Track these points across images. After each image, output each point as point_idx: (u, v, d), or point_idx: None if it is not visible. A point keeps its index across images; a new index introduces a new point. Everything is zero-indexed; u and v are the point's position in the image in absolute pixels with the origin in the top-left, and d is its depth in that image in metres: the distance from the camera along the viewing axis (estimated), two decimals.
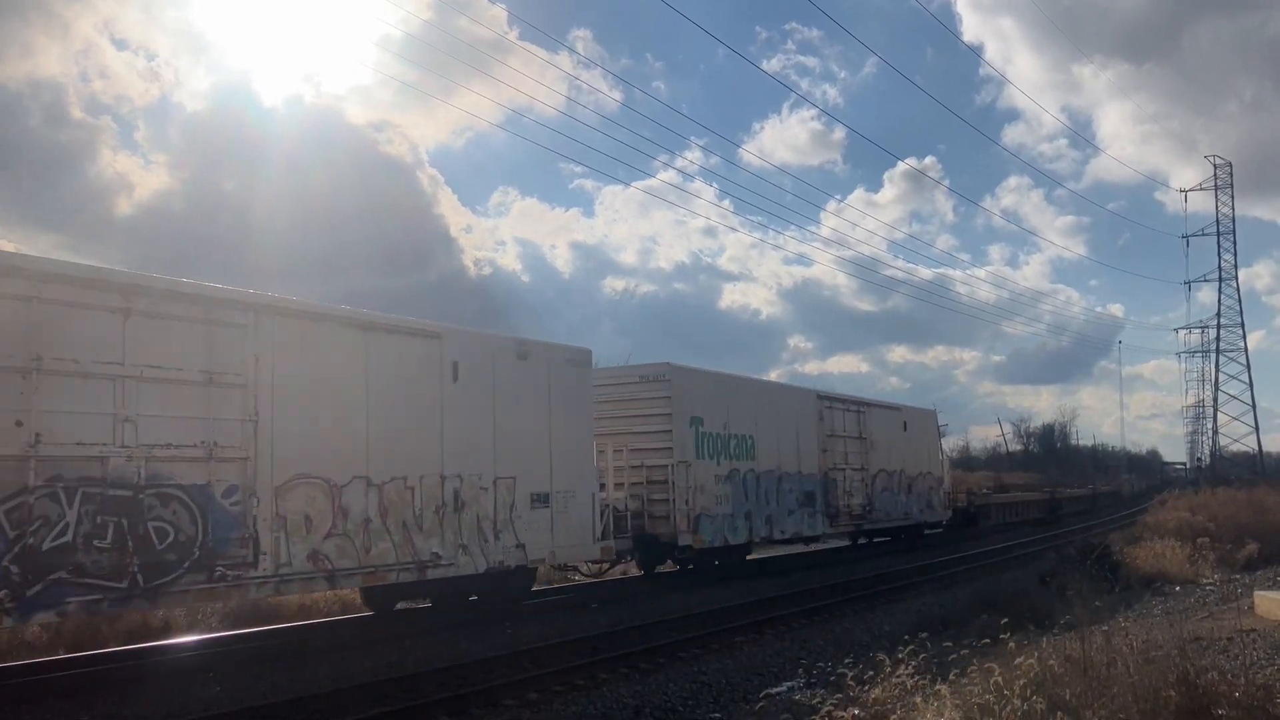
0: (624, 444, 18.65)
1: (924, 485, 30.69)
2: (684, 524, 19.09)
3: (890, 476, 28.26)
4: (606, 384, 19.35)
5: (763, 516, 21.79)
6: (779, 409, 23.11)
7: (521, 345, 15.67)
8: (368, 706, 9.51)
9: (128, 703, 9.83)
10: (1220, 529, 25.44)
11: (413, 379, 13.55)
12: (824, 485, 24.53)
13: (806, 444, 24.03)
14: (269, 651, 12.35)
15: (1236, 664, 7.31)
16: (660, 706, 10.03)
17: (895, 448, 28.67)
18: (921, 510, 30.44)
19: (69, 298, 9.99)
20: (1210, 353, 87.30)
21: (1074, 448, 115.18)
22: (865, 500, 26.52)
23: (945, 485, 33.10)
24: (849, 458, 25.99)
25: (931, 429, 32.72)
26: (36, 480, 9.47)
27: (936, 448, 33.12)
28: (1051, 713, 6.19)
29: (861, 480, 26.47)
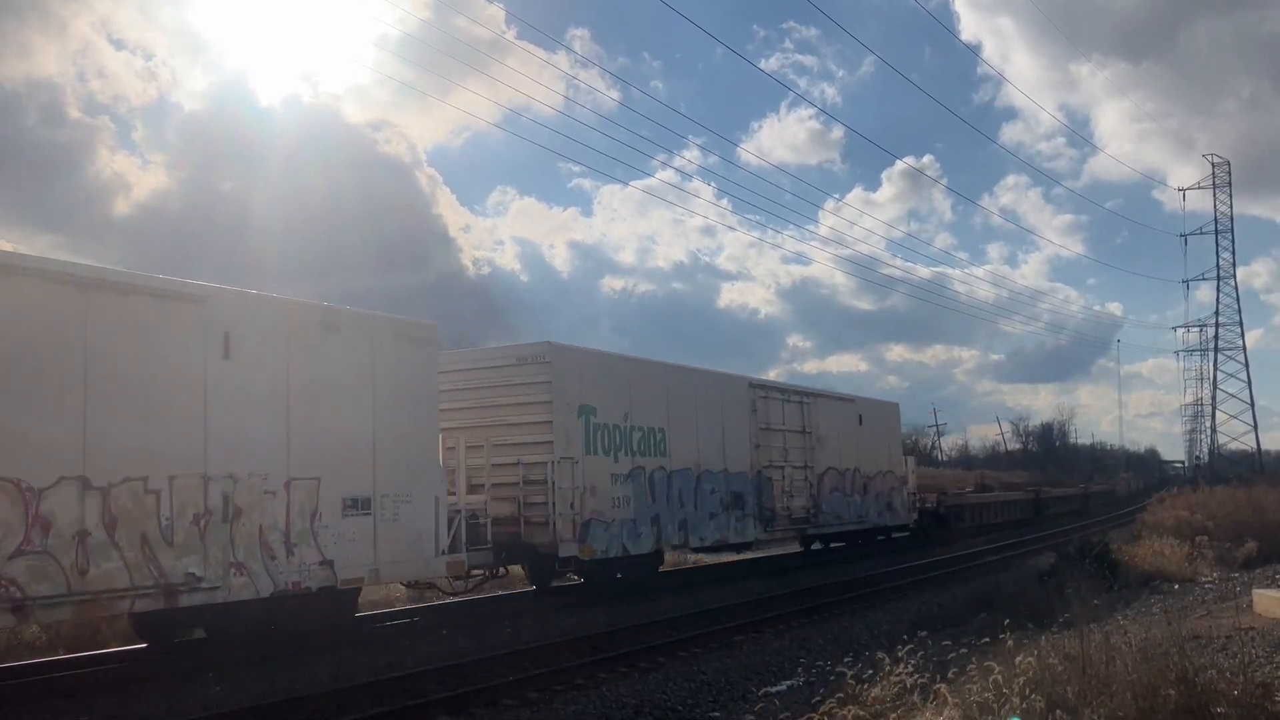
0: (488, 438, 15.75)
1: (883, 485, 27.93)
2: (567, 531, 16.00)
3: (841, 476, 25.34)
4: (474, 367, 16.85)
5: (675, 521, 18.79)
6: (700, 398, 20.12)
7: (330, 315, 12.77)
8: (366, 706, 9.52)
9: (127, 703, 9.83)
10: (1219, 527, 25.46)
11: (160, 353, 10.73)
12: (757, 485, 21.57)
13: (735, 438, 21.09)
14: (267, 651, 12.32)
15: (1235, 662, 7.31)
16: (659, 705, 10.04)
17: (848, 444, 25.84)
18: (880, 513, 27.75)
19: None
20: (1208, 351, 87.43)
21: (1072, 446, 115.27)
22: (809, 502, 23.61)
23: (909, 485, 30.44)
24: (789, 454, 22.97)
25: (892, 424, 30.21)
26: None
27: (898, 444, 30.72)
28: (1050, 711, 6.20)
29: (805, 479, 23.45)
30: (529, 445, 16.19)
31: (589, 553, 16.50)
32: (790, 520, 22.87)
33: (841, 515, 25.26)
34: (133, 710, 9.59)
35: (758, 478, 21.71)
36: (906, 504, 29.85)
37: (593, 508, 16.71)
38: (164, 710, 9.53)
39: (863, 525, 26.61)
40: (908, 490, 30.01)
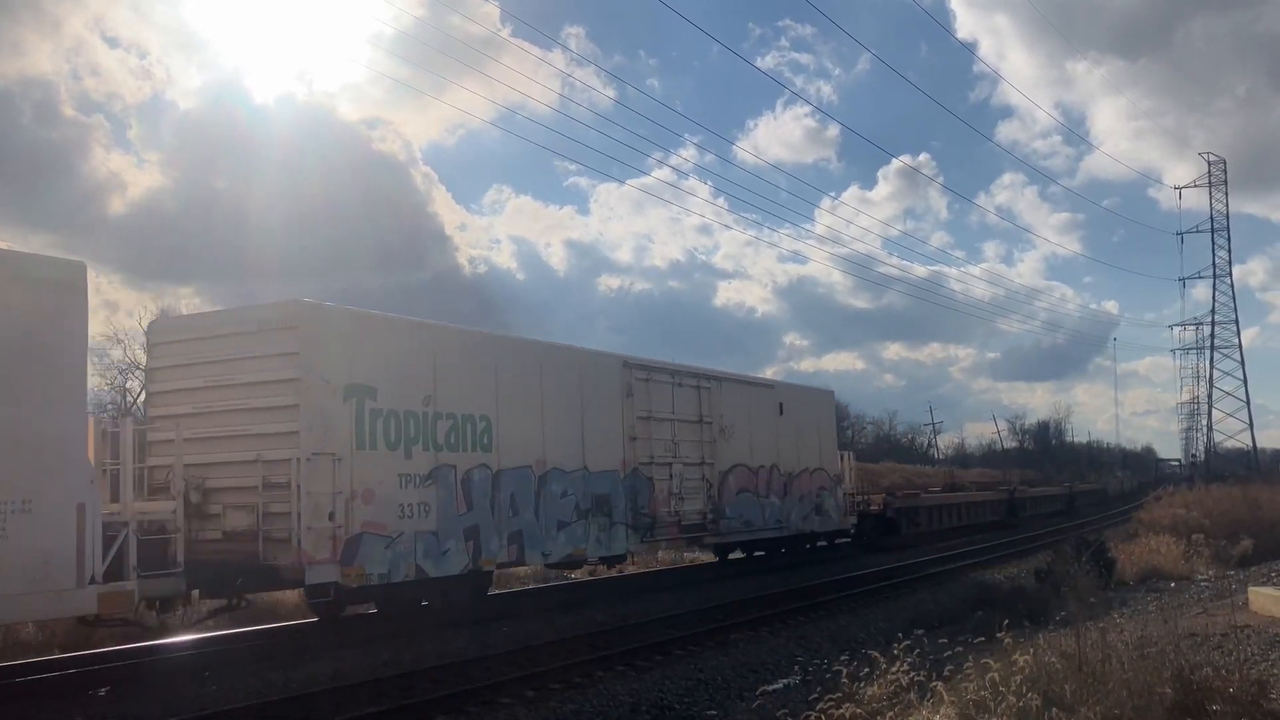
0: (221, 427, 12.72)
1: (810, 485, 24.02)
2: (322, 549, 12.08)
3: (753, 474, 21.50)
4: (206, 336, 13.30)
5: (504, 533, 14.76)
6: (547, 380, 16.00)
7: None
8: (364, 704, 9.53)
9: (123, 702, 9.82)
10: (1215, 525, 25.55)
11: None
12: (631, 486, 17.54)
13: (601, 430, 17.06)
14: (266, 650, 12.33)
15: (1230, 660, 7.34)
16: (657, 704, 10.05)
17: (764, 437, 22.11)
18: (805, 517, 23.69)
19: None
20: (1205, 349, 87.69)
21: (1069, 445, 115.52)
22: (707, 505, 19.74)
23: (846, 485, 26.55)
24: (680, 449, 19.05)
25: (825, 414, 25.97)
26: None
27: (832, 437, 26.46)
28: (1047, 709, 6.22)
29: (702, 479, 19.61)
30: (272, 437, 12.38)
31: (357, 577, 12.56)
32: (680, 527, 18.93)
33: (752, 521, 21.38)
34: (128, 710, 9.58)
35: (633, 477, 17.60)
36: (842, 506, 25.98)
37: (366, 518, 12.69)
38: (159, 710, 9.52)
39: (781, 531, 22.73)
40: (843, 490, 26.17)
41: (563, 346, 17.66)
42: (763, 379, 24.18)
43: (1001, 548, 27.89)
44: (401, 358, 13.67)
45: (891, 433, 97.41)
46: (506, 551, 14.97)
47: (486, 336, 16.09)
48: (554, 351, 16.94)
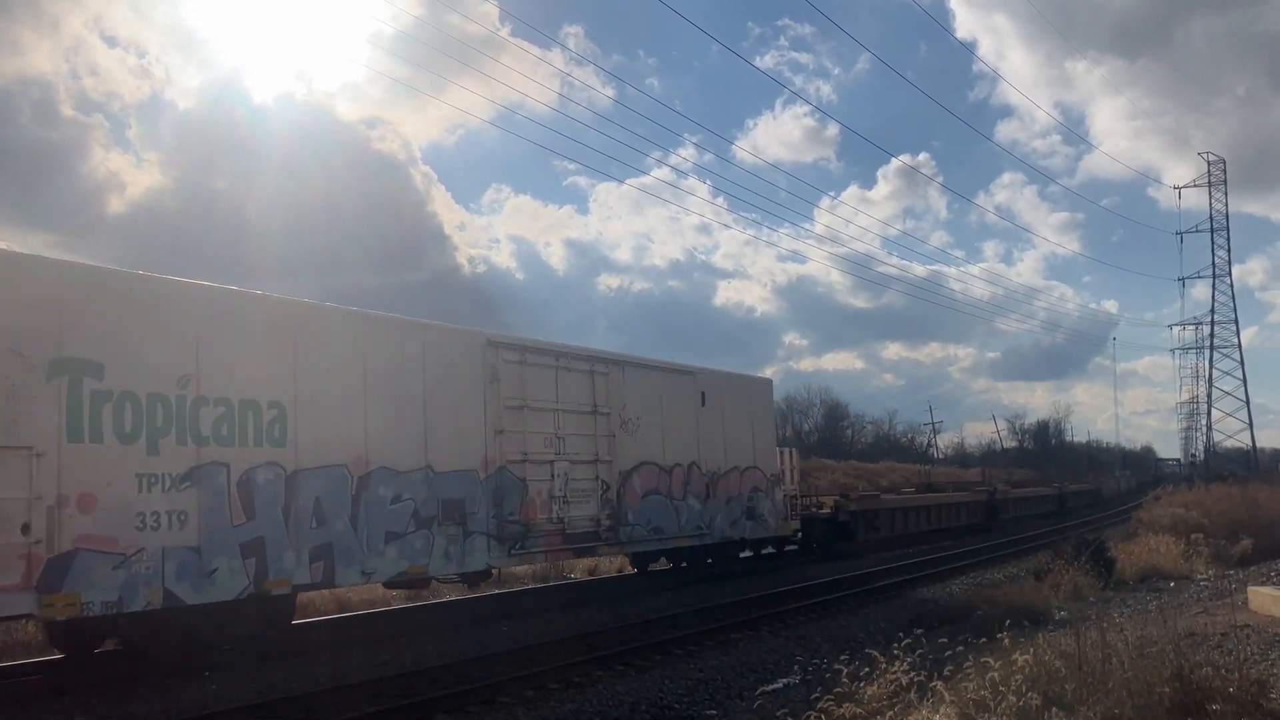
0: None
1: (741, 486, 21.02)
2: (11, 573, 9.51)
3: (665, 474, 18.60)
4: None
5: (303, 548, 12.05)
6: (372, 359, 13.12)
7: None
8: (364, 704, 9.53)
9: (123, 702, 9.83)
10: (1214, 525, 25.58)
11: None
12: (495, 489, 14.62)
13: (452, 421, 14.12)
14: (265, 650, 12.32)
15: (1230, 659, 7.34)
16: (656, 704, 10.05)
17: (680, 431, 19.24)
18: (734, 522, 20.71)
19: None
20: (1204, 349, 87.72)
21: (1069, 444, 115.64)
22: (603, 510, 16.77)
23: (787, 485, 23.51)
24: (567, 444, 16.14)
25: (760, 406, 22.59)
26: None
27: (770, 432, 23.30)
28: (1047, 709, 6.23)
29: (596, 479, 16.68)
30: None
31: (66, 607, 9.84)
32: (565, 537, 15.95)
33: (664, 527, 18.41)
34: (129, 710, 9.59)
35: (498, 478, 14.73)
36: (781, 509, 22.79)
37: (84, 531, 10.05)
38: (160, 709, 9.53)
39: (702, 539, 19.61)
40: (783, 492, 23.05)
41: (396, 319, 14.22)
42: (679, 365, 20.28)
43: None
44: (145, 327, 10.81)
45: (891, 432, 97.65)
46: (309, 571, 12.07)
47: (278, 303, 12.65)
48: (383, 325, 13.71)
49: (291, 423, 12.07)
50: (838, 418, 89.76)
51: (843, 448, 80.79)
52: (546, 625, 14.37)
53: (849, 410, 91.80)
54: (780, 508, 22.81)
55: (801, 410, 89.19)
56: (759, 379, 23.63)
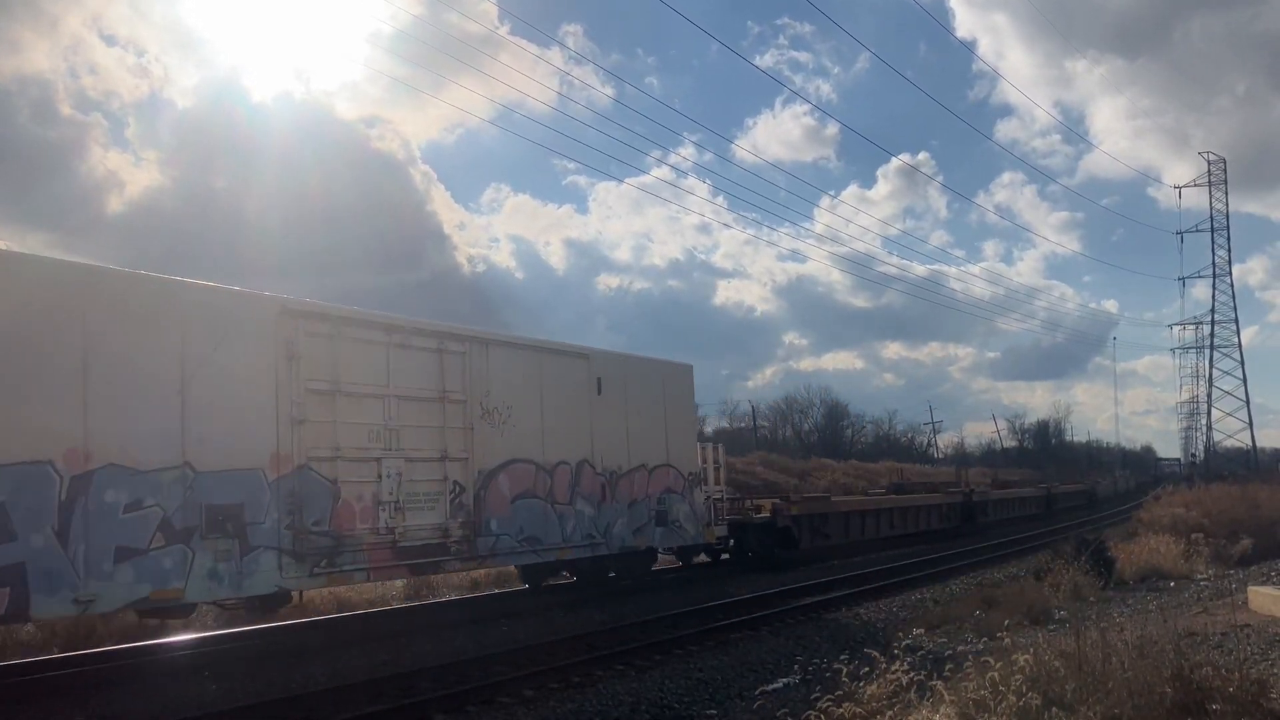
0: None
1: (648, 487, 18.28)
2: None
3: (545, 474, 15.73)
4: None
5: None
6: (95, 330, 10.28)
7: None
8: (363, 704, 9.53)
9: (122, 701, 9.82)
10: (1214, 524, 25.55)
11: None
12: (290, 492, 11.92)
13: (227, 407, 11.36)
14: (264, 650, 12.33)
15: (1230, 659, 7.33)
16: (656, 704, 10.04)
17: (565, 423, 16.29)
18: (639, 529, 17.86)
19: None
20: (1204, 348, 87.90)
21: (1069, 444, 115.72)
22: (456, 517, 13.99)
23: (711, 486, 20.73)
24: (402, 437, 13.34)
25: (675, 395, 19.59)
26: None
27: (689, 425, 20.48)
28: (1047, 708, 6.21)
29: (445, 480, 13.92)
30: None
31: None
32: (397, 550, 13.09)
33: (542, 536, 15.55)
34: (128, 709, 9.58)
35: (296, 479, 12.01)
36: (701, 513, 19.90)
37: None
38: (159, 708, 9.52)
39: (598, 549, 16.82)
40: (705, 493, 20.31)
41: (132, 274, 11.00)
42: (568, 345, 17.27)
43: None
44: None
45: (891, 432, 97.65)
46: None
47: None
48: (113, 282, 10.61)
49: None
50: (838, 417, 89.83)
51: (843, 447, 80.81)
52: (546, 625, 14.36)
53: (849, 410, 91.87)
54: (701, 512, 19.95)
55: (801, 410, 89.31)
56: (675, 364, 20.27)
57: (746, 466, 45.38)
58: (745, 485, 39.44)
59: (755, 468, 45.84)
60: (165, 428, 10.75)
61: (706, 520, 20.22)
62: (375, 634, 13.54)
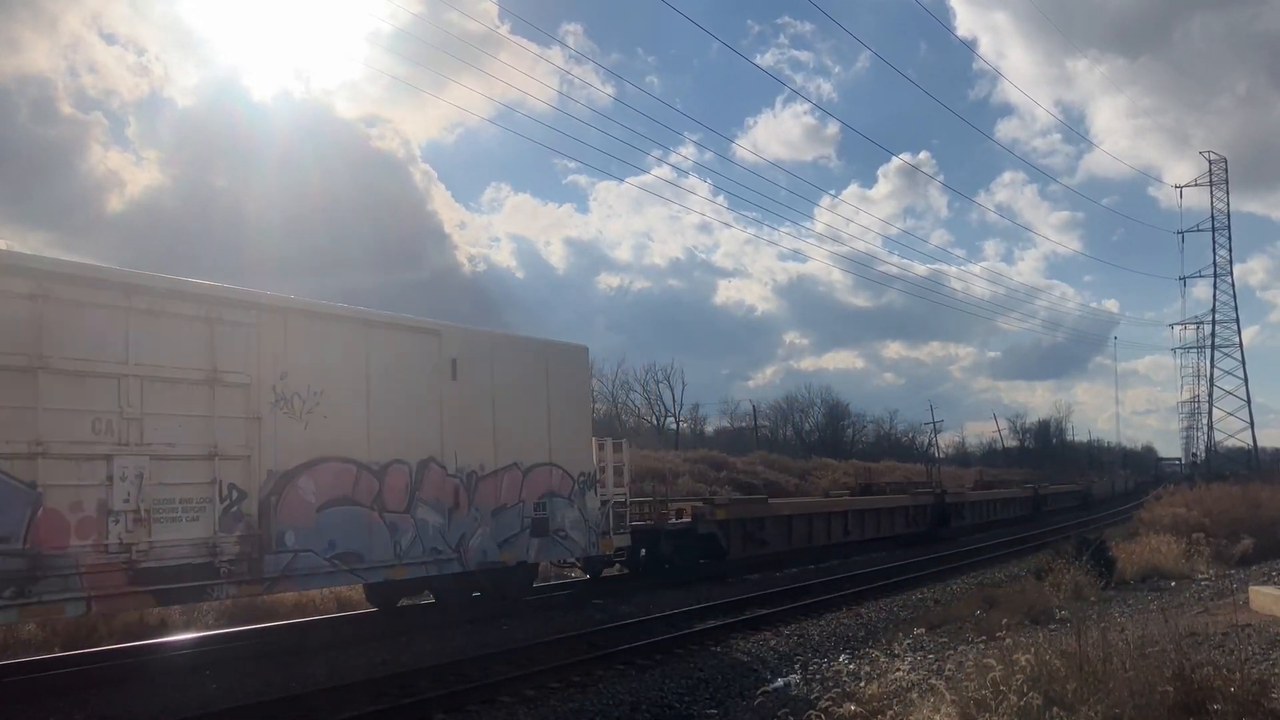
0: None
1: (522, 491, 15.14)
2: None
3: (371, 475, 12.79)
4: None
5: None
6: None
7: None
8: (363, 704, 9.52)
9: (122, 701, 9.82)
10: (1215, 524, 25.53)
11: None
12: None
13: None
14: (264, 649, 12.33)
15: (1232, 659, 7.32)
16: (657, 703, 10.03)
17: (406, 413, 13.43)
18: (508, 540, 14.78)
19: None
20: (1205, 348, 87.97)
21: (1070, 444, 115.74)
22: (231, 529, 11.18)
23: (611, 489, 17.64)
24: (147, 428, 10.53)
25: (563, 382, 16.33)
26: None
27: (580, 419, 16.84)
28: (1048, 708, 6.21)
29: (212, 483, 11.07)
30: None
31: None
32: (135, 573, 10.25)
33: (364, 552, 12.56)
34: (127, 708, 9.58)
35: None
36: (597, 521, 16.76)
37: None
38: (160, 708, 9.52)
39: (447, 566, 13.86)
40: (603, 497, 17.25)
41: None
42: (409, 319, 14.32)
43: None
44: None
45: (892, 432, 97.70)
46: None
47: None
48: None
49: None
50: (839, 417, 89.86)
51: (844, 447, 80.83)
52: (546, 624, 14.35)
53: (850, 410, 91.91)
54: (596, 519, 16.73)
55: (802, 410, 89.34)
56: (562, 345, 16.88)
57: (747, 466, 45.38)
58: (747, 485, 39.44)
59: (756, 467, 45.83)
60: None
61: (604, 528, 17.06)
62: (375, 633, 13.53)
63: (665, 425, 72.28)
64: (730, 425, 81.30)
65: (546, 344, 16.60)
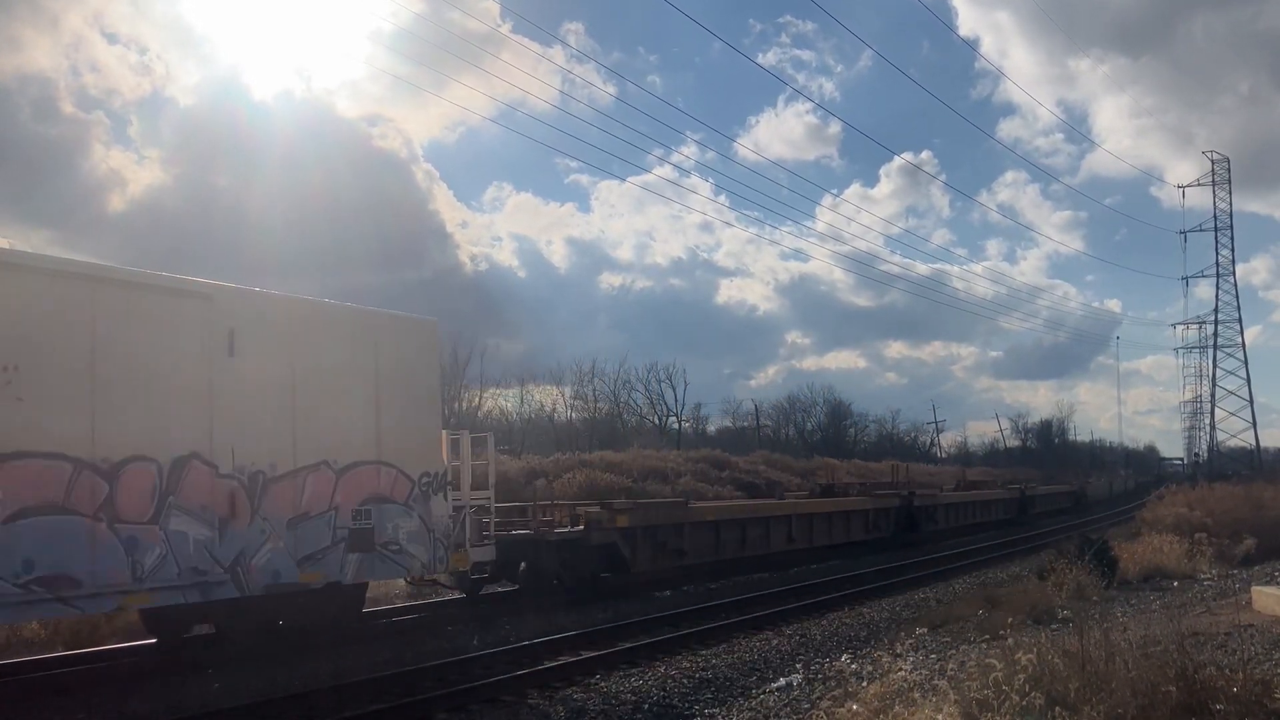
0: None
1: (334, 497, 12.38)
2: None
3: (96, 478, 10.02)
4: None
5: None
6: None
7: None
8: (367, 702, 9.54)
9: (126, 699, 9.84)
10: (1218, 524, 25.52)
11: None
12: None
13: None
14: (268, 648, 12.34)
15: (1234, 659, 7.32)
16: (659, 702, 10.04)
17: (158, 399, 10.77)
18: (309, 559, 12.05)
19: None
20: (1208, 348, 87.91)
21: (1072, 443, 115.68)
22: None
23: (465, 493, 14.75)
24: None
25: (399, 361, 13.61)
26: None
27: (423, 407, 13.96)
28: (1050, 708, 6.21)
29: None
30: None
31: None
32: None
33: (82, 576, 9.84)
34: (132, 707, 9.60)
35: None
36: (446, 531, 13.93)
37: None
38: (164, 707, 9.54)
39: (215, 592, 11.08)
40: (455, 503, 14.32)
41: None
42: (164, 277, 11.30)
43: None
44: None
45: (894, 431, 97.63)
46: None
47: None
48: None
49: None
50: (841, 417, 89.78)
51: (846, 447, 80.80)
52: (549, 623, 14.36)
53: (852, 409, 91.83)
54: (446, 528, 13.93)
55: (804, 409, 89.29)
56: (398, 318, 14.19)
57: (749, 466, 45.35)
58: (749, 485, 39.42)
59: (758, 467, 45.80)
60: None
61: (459, 540, 14.27)
62: (377, 632, 13.56)
63: (667, 425, 72.29)
64: (732, 425, 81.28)
65: (375, 316, 13.77)
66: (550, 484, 30.88)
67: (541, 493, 23.84)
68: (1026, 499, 43.58)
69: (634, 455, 40.48)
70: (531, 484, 30.07)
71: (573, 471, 33.20)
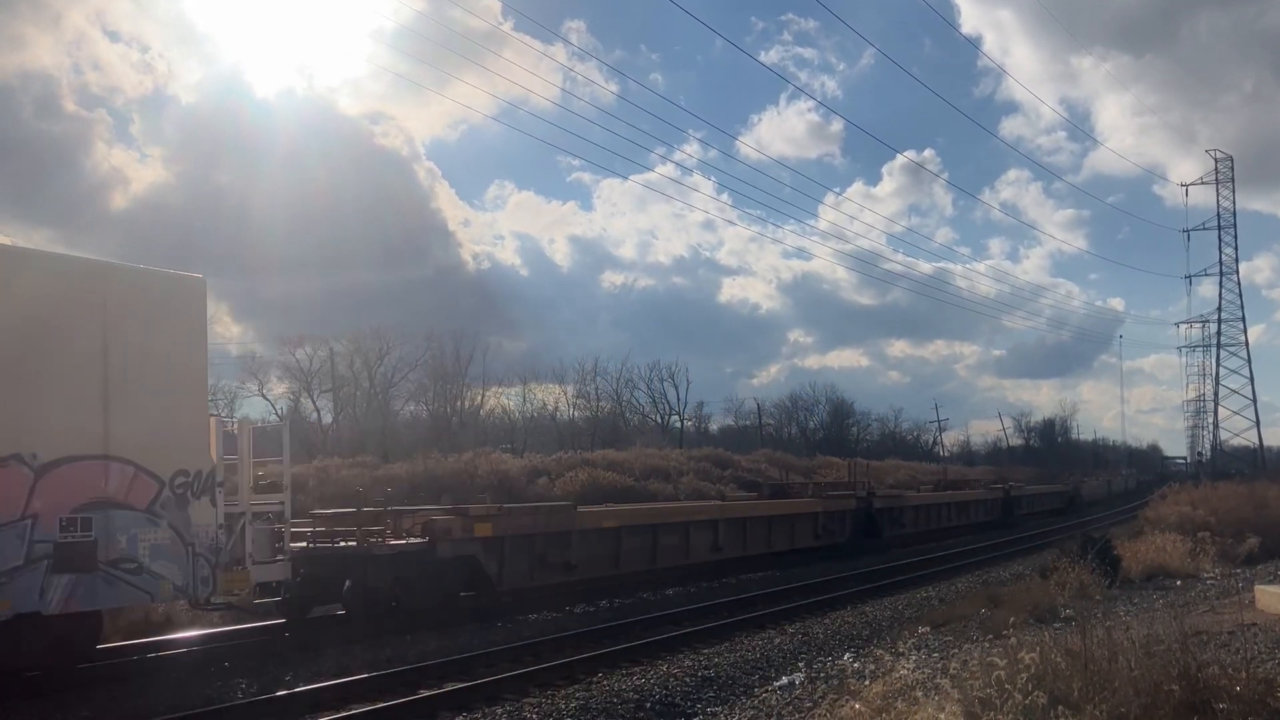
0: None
1: (31, 500, 9.58)
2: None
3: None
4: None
5: None
6: None
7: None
8: (369, 700, 9.55)
9: (129, 697, 9.85)
10: (1221, 523, 25.51)
11: None
12: None
13: None
14: (271, 646, 12.37)
15: (1238, 658, 7.32)
16: (662, 701, 10.04)
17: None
18: (8, 575, 9.30)
19: None
20: (1211, 347, 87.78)
21: (1075, 442, 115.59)
22: None
23: (245, 497, 11.79)
24: None
25: (145, 333, 10.70)
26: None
27: (178, 391, 10.97)
28: (1053, 706, 6.20)
29: None
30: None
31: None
32: None
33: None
34: (134, 706, 9.61)
35: None
36: (213, 545, 11.18)
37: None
38: (165, 705, 9.55)
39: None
40: (230, 508, 11.54)
41: None
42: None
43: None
44: None
45: (897, 430, 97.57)
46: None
47: None
48: None
49: None
50: (843, 415, 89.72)
51: (848, 445, 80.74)
52: (551, 622, 14.37)
53: (854, 408, 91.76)
54: (213, 541, 11.19)
55: (807, 408, 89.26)
56: (143, 272, 11.41)
57: (752, 464, 45.34)
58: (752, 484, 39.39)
59: (761, 465, 45.79)
60: None
61: (236, 555, 11.53)
62: (380, 630, 13.54)
63: (670, 424, 72.30)
64: (735, 424, 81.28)
65: (104, 269, 10.83)
66: (553, 483, 30.94)
67: (543, 491, 22.68)
68: (1011, 500, 41.36)
69: (636, 454, 40.46)
70: (534, 483, 30.11)
71: (575, 470, 33.23)
